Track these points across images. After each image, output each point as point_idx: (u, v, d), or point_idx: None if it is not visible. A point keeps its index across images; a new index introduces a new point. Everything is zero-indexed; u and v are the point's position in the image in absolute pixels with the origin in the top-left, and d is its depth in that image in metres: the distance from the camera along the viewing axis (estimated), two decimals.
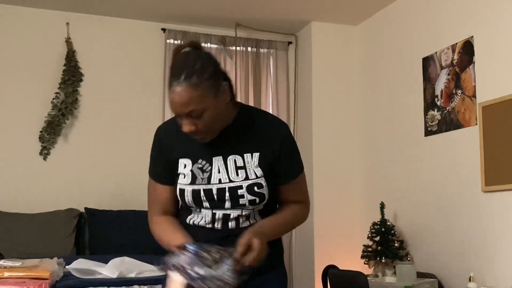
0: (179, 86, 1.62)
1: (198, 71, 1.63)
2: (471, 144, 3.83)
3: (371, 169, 5.00)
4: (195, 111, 1.64)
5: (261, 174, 1.75)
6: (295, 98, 5.41)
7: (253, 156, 1.76)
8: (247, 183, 1.74)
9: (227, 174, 1.75)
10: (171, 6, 4.79)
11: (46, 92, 4.71)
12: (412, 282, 3.74)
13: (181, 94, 1.62)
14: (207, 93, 1.64)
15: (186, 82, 1.62)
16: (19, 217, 4.33)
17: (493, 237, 3.65)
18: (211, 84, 1.65)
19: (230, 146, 1.76)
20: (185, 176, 1.77)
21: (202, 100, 1.63)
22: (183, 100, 1.62)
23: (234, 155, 1.76)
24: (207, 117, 1.66)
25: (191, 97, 1.62)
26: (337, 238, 4.95)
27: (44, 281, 3.03)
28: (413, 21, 4.53)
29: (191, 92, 1.62)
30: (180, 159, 1.78)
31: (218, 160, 1.76)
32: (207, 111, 1.65)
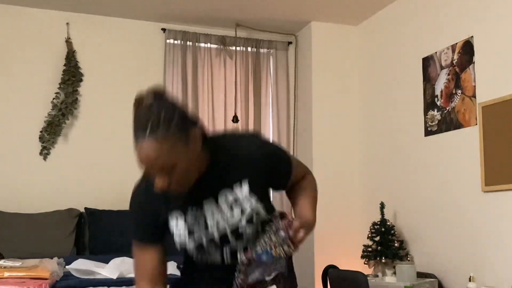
0: (145, 142, 1.49)
1: (164, 123, 1.50)
2: (471, 144, 3.83)
3: (371, 169, 5.00)
4: (165, 167, 1.51)
5: (255, 201, 1.67)
6: (295, 98, 5.41)
7: (242, 185, 1.66)
8: (245, 218, 1.67)
9: (222, 215, 1.67)
10: (171, 6, 4.79)
11: (46, 92, 4.71)
12: (412, 282, 3.74)
13: (148, 151, 1.49)
14: (176, 145, 1.51)
15: (152, 137, 1.49)
16: (19, 217, 4.32)
17: (493, 237, 3.65)
18: (179, 134, 1.52)
19: (217, 183, 1.66)
20: (181, 234, 1.68)
21: (171, 154, 1.51)
22: (150, 157, 1.49)
23: (223, 190, 1.66)
24: (179, 170, 1.53)
25: (159, 152, 1.49)
26: (337, 238, 4.95)
27: (44, 281, 3.03)
28: (413, 21, 4.53)
29: (158, 147, 1.49)
30: (170, 217, 1.69)
31: (209, 202, 1.67)
32: (179, 164, 1.52)
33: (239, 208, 1.67)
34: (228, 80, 5.20)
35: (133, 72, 5.00)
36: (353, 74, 5.24)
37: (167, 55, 5.02)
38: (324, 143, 5.10)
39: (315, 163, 5.04)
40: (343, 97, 5.20)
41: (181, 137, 1.52)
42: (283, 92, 5.35)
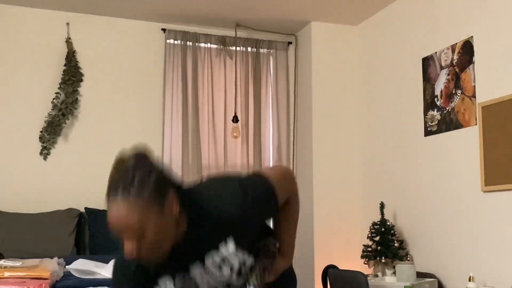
0: (116, 202, 1.41)
1: (138, 185, 1.42)
2: (471, 144, 3.83)
3: (371, 169, 5.00)
4: (134, 231, 1.41)
5: (242, 256, 1.63)
6: (295, 98, 5.41)
7: (228, 243, 1.58)
8: (234, 274, 1.63)
9: (211, 276, 1.61)
10: (171, 6, 4.79)
11: (46, 92, 4.71)
12: (412, 282, 3.75)
13: (117, 212, 1.41)
14: (148, 210, 1.41)
15: (123, 197, 1.41)
16: (19, 217, 4.32)
17: (493, 237, 3.65)
18: (153, 199, 1.42)
19: (201, 247, 1.57)
20: None
21: (142, 218, 1.41)
22: (119, 219, 1.41)
23: (209, 253, 1.58)
24: (150, 237, 1.42)
25: (129, 215, 1.40)
26: (337, 238, 4.95)
27: (44, 281, 3.03)
28: (413, 21, 4.53)
29: (128, 210, 1.40)
30: (159, 283, 1.59)
31: (196, 266, 1.59)
32: (149, 230, 1.42)
33: (228, 266, 1.61)
34: (228, 80, 5.20)
35: (133, 72, 5.01)
36: (353, 74, 5.25)
37: (167, 55, 5.02)
38: (324, 143, 5.10)
39: (315, 163, 5.04)
40: (343, 97, 5.20)
41: (155, 202, 1.43)
42: (283, 92, 5.35)
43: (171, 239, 1.49)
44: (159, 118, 4.99)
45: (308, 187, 5.08)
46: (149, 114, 5.01)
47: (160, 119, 4.99)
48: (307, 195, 5.09)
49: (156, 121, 4.99)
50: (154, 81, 5.05)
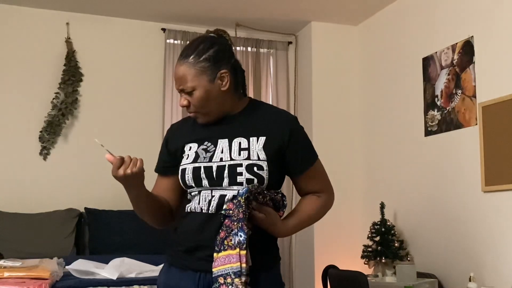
0: (179, 64, 1.80)
1: (197, 53, 1.78)
2: (471, 144, 3.83)
3: (371, 169, 5.00)
4: (186, 88, 1.78)
5: (264, 158, 1.77)
6: (295, 98, 5.41)
7: (258, 140, 1.79)
8: (248, 162, 1.76)
9: (229, 154, 1.78)
10: (171, 6, 4.79)
11: (46, 92, 4.71)
12: (412, 282, 3.74)
13: (177, 71, 1.79)
14: (199, 74, 1.77)
15: (184, 61, 1.79)
16: (19, 217, 4.32)
17: (493, 237, 3.65)
18: (205, 67, 1.77)
19: (237, 130, 1.81)
20: (189, 156, 1.83)
21: (193, 79, 1.77)
22: (177, 77, 1.79)
23: (240, 138, 1.80)
24: (197, 96, 1.78)
25: (184, 75, 1.78)
26: (337, 238, 4.95)
27: (44, 281, 3.03)
28: (413, 21, 4.53)
29: (184, 71, 1.78)
30: (187, 145, 1.86)
31: (224, 142, 1.80)
32: (197, 90, 1.78)
33: (247, 153, 1.77)
34: None
35: (133, 72, 5.00)
36: (353, 74, 5.24)
37: (167, 55, 5.02)
38: (324, 143, 5.08)
39: None
40: (343, 97, 5.20)
41: (206, 70, 1.78)
42: (283, 92, 5.35)
43: (218, 106, 1.81)
44: (159, 118, 4.99)
45: None
46: (149, 114, 5.00)
47: (160, 119, 4.99)
48: None
49: (156, 121, 4.99)
50: (154, 81, 5.05)
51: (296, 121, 1.88)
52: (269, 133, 1.80)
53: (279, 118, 1.86)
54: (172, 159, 1.89)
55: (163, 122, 4.97)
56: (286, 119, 1.87)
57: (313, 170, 1.90)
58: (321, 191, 1.93)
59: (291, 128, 1.84)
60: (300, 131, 1.87)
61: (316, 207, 1.92)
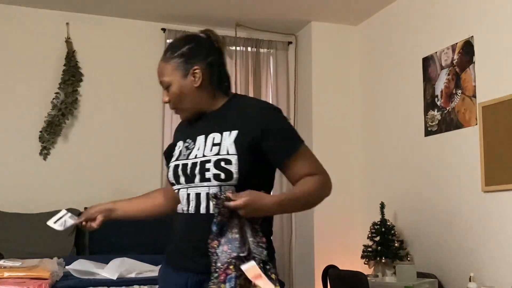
0: (160, 60, 1.92)
1: (173, 49, 1.90)
2: (471, 144, 3.83)
3: (371, 169, 5.00)
4: (163, 82, 1.90)
5: (233, 152, 1.76)
6: (295, 98, 5.41)
7: (231, 134, 1.79)
8: (216, 157, 1.76)
9: (203, 150, 1.82)
10: (171, 6, 4.79)
11: (46, 92, 4.71)
12: (412, 282, 3.74)
13: (159, 66, 1.92)
14: (173, 69, 1.87)
15: (162, 57, 1.92)
16: (19, 217, 4.32)
17: (493, 237, 3.64)
18: (179, 63, 1.87)
19: (213, 126, 1.85)
20: (174, 155, 1.92)
21: (168, 74, 1.88)
22: (157, 71, 1.93)
23: (214, 133, 1.83)
24: (172, 91, 1.88)
25: (161, 69, 1.91)
26: (337, 238, 4.95)
27: (44, 281, 3.03)
28: (413, 21, 4.53)
29: (162, 65, 1.91)
30: (178, 142, 1.95)
31: (201, 138, 1.85)
32: (172, 86, 1.87)
33: (218, 149, 1.78)
34: None
35: (133, 72, 5.00)
36: (353, 74, 5.24)
37: None
38: (324, 143, 5.09)
39: None
40: (343, 97, 5.20)
41: (180, 66, 1.87)
42: (283, 92, 5.35)
43: (193, 102, 1.88)
44: (159, 118, 4.99)
45: None
46: (149, 114, 5.00)
47: (160, 119, 4.99)
48: None
49: (156, 121, 4.99)
50: (154, 81, 5.00)
51: (270, 111, 1.84)
52: (242, 126, 1.79)
53: (254, 110, 1.84)
54: (170, 152, 1.99)
55: (163, 122, 4.96)
56: (261, 110, 1.84)
57: (299, 157, 1.83)
58: (312, 174, 1.84)
59: (264, 118, 1.80)
60: (275, 120, 1.82)
61: (310, 185, 1.82)
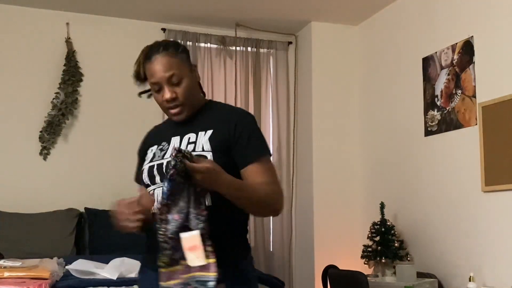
0: (159, 55, 1.82)
1: (174, 45, 1.86)
2: (471, 144, 3.83)
3: (371, 169, 5.00)
4: (175, 75, 1.80)
5: (208, 148, 1.77)
6: (295, 98, 5.41)
7: (206, 133, 1.81)
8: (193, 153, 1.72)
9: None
10: (171, 6, 4.79)
11: (46, 92, 4.71)
12: (412, 282, 3.74)
13: (162, 61, 1.80)
14: (183, 62, 1.83)
15: (165, 52, 1.82)
16: (19, 217, 4.32)
17: (493, 237, 3.65)
18: (185, 57, 1.85)
19: (189, 127, 1.85)
20: (147, 158, 1.90)
21: (180, 67, 1.81)
22: (164, 66, 1.80)
23: (189, 134, 1.83)
24: (184, 85, 1.81)
25: (171, 62, 1.80)
26: (337, 238, 4.95)
27: (44, 281, 3.03)
28: (413, 21, 4.53)
29: (170, 59, 1.81)
30: (149, 148, 1.92)
31: (176, 139, 1.85)
32: (185, 79, 1.81)
33: (193, 146, 1.79)
34: (228, 80, 5.19)
35: (133, 72, 4.99)
36: (353, 74, 5.24)
37: None
38: (324, 143, 5.10)
39: (315, 163, 5.04)
40: (343, 97, 5.20)
41: (187, 60, 1.85)
42: (283, 92, 5.35)
43: (196, 99, 1.88)
44: (159, 119, 4.98)
45: (308, 187, 5.07)
46: (149, 114, 4.98)
47: (160, 120, 4.97)
48: (307, 195, 5.09)
49: (156, 122, 4.93)
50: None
51: (246, 116, 1.87)
52: (217, 126, 1.82)
53: (229, 113, 1.88)
54: (142, 158, 1.95)
55: None
56: (237, 114, 1.87)
57: (260, 165, 1.79)
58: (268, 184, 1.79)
59: (238, 121, 1.82)
60: (248, 125, 1.83)
61: (267, 188, 1.76)
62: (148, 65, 1.84)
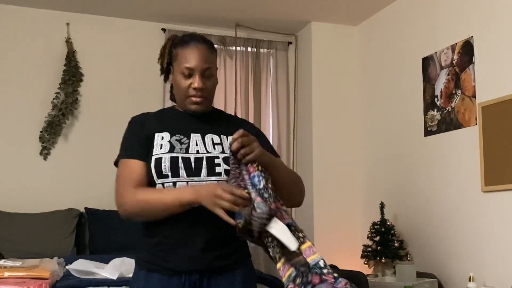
0: (200, 45, 1.84)
1: (211, 43, 1.90)
2: (471, 144, 3.83)
3: (371, 169, 5.00)
4: (210, 69, 1.83)
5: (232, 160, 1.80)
6: (295, 98, 5.41)
7: (228, 139, 1.83)
8: (224, 155, 1.80)
9: (204, 147, 1.82)
10: (171, 6, 4.79)
11: (46, 92, 4.71)
12: (412, 282, 3.75)
13: (203, 51, 1.82)
14: (215, 61, 1.88)
15: (205, 44, 1.85)
16: (19, 217, 4.32)
17: (493, 237, 3.65)
18: (215, 58, 1.89)
19: (208, 127, 1.87)
20: (162, 146, 1.81)
21: (214, 64, 1.86)
22: (204, 57, 1.82)
23: (211, 134, 1.86)
24: (213, 81, 1.86)
25: (210, 56, 1.84)
26: (337, 238, 4.95)
27: (44, 281, 3.03)
28: (413, 21, 4.53)
29: (209, 53, 1.84)
30: (157, 134, 1.84)
31: (196, 136, 1.84)
32: (214, 77, 1.87)
33: (221, 148, 1.83)
34: (228, 80, 5.19)
35: (133, 72, 5.00)
36: (353, 74, 5.24)
37: None
38: (324, 143, 5.10)
39: (315, 163, 5.04)
40: (343, 97, 5.20)
41: (216, 61, 1.90)
42: (283, 92, 5.35)
43: (212, 101, 1.91)
44: None
45: (308, 187, 5.07)
46: None
47: None
48: (307, 195, 5.06)
49: None
50: (154, 81, 5.03)
51: (254, 125, 2.02)
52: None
53: (244, 123, 1.97)
54: (143, 144, 1.84)
55: None
56: (247, 123, 2.00)
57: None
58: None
59: (251, 128, 1.92)
60: (261, 133, 1.97)
61: (294, 173, 2.02)
62: (185, 49, 1.83)
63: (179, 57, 1.83)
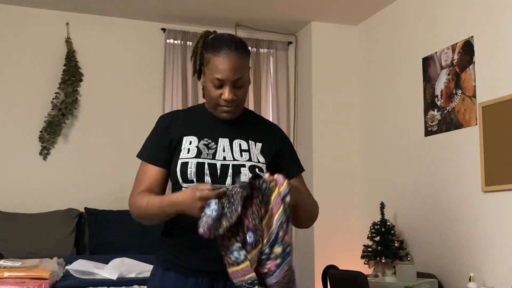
0: (232, 53, 1.73)
1: (245, 45, 1.79)
2: (471, 144, 3.83)
3: (371, 169, 5.00)
4: (241, 79, 1.75)
5: (263, 161, 1.83)
6: (295, 98, 5.41)
7: (256, 145, 1.84)
8: (250, 163, 1.81)
9: (231, 154, 1.81)
10: (171, 6, 4.79)
11: (46, 92, 4.71)
12: (412, 282, 3.74)
13: (234, 60, 1.73)
14: (248, 65, 1.80)
15: (237, 51, 1.74)
16: (19, 217, 4.32)
17: (493, 237, 3.65)
18: (249, 59, 1.81)
19: (236, 132, 1.85)
20: (190, 150, 1.79)
21: (246, 70, 1.78)
22: (235, 66, 1.73)
23: (239, 140, 1.84)
24: (245, 90, 1.79)
25: (241, 65, 1.74)
26: (337, 238, 4.95)
27: (44, 281, 3.03)
28: (413, 21, 4.53)
29: (240, 60, 1.74)
30: (185, 137, 1.82)
31: (224, 141, 1.82)
32: (246, 84, 1.79)
33: (248, 155, 1.82)
34: None
35: (133, 72, 5.00)
36: (353, 74, 5.24)
37: (167, 55, 5.02)
38: (324, 143, 5.10)
39: (315, 163, 5.04)
40: (343, 97, 5.20)
41: (248, 68, 1.81)
42: (283, 92, 5.35)
43: (244, 102, 1.84)
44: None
45: (308, 187, 5.05)
46: (149, 114, 4.99)
47: None
48: None
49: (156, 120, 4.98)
50: (154, 81, 5.05)
51: (284, 133, 2.00)
52: (265, 140, 1.88)
53: (273, 128, 1.96)
54: (167, 149, 1.82)
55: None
56: (280, 131, 1.97)
57: (301, 180, 1.98)
58: None
59: (283, 139, 1.94)
60: (289, 143, 1.98)
61: (313, 202, 1.98)
62: (217, 57, 1.74)
63: (210, 65, 1.76)
